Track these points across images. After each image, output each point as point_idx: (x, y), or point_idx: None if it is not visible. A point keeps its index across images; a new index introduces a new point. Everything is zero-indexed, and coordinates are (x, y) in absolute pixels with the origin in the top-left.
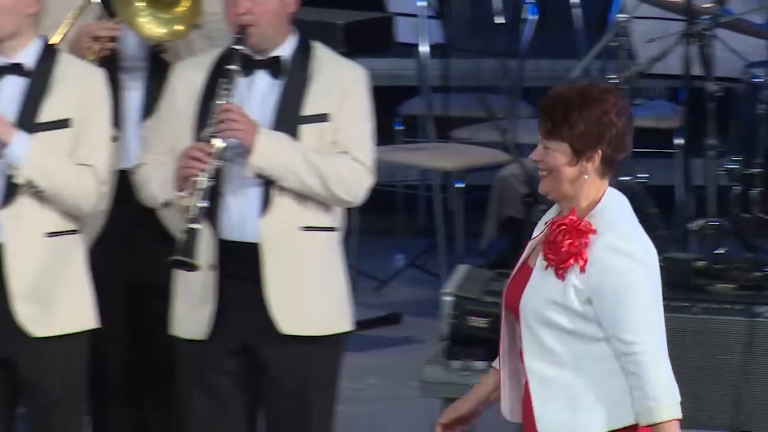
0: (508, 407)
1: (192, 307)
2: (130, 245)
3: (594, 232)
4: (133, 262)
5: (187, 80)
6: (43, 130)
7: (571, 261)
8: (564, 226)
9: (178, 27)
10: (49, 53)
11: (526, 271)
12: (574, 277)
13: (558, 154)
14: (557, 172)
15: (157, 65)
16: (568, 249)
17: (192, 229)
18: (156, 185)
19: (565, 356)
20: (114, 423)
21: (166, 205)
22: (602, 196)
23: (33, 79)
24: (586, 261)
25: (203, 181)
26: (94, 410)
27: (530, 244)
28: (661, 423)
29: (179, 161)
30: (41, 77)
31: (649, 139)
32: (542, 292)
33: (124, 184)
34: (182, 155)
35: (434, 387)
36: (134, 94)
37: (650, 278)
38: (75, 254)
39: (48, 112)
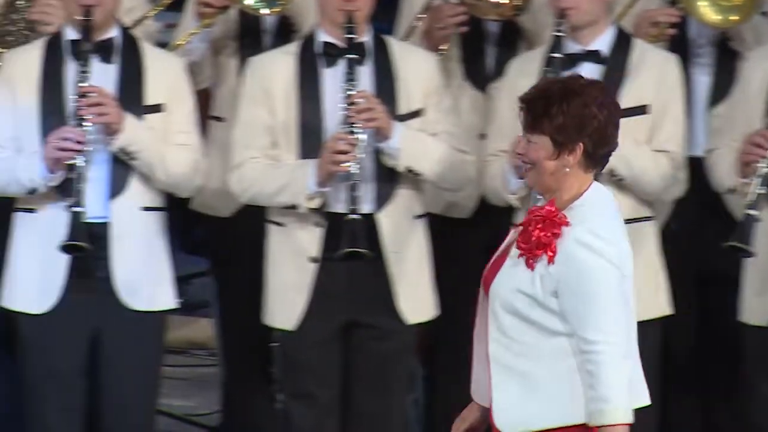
0: (474, 388)
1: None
2: (698, 232)
3: (567, 224)
4: (701, 249)
5: None
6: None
7: (540, 251)
8: (539, 216)
9: (734, 17)
10: (623, 40)
11: (504, 258)
12: (542, 267)
13: (539, 147)
14: (539, 165)
15: (724, 52)
16: (538, 239)
17: (750, 215)
18: (723, 171)
19: (525, 346)
20: (679, 409)
21: (732, 191)
22: (585, 190)
23: (609, 65)
24: (555, 252)
25: (763, 167)
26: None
27: (513, 231)
28: (609, 426)
29: (742, 147)
30: (617, 64)
31: None
32: (512, 279)
33: (692, 171)
34: (745, 141)
35: None
36: (702, 79)
37: (617, 278)
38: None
39: (626, 99)
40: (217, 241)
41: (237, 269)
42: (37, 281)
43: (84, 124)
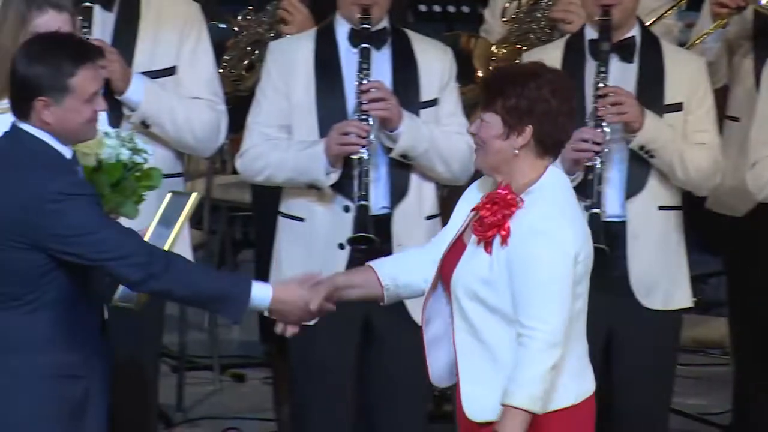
0: (432, 371)
1: None
2: None
3: (518, 205)
4: None
5: None
6: None
7: (492, 232)
8: (490, 199)
9: None
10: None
11: (459, 247)
12: (498, 249)
13: (490, 126)
14: (488, 144)
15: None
16: (490, 219)
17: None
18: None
19: (487, 333)
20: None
21: None
22: (541, 175)
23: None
24: (508, 233)
25: None
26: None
27: (465, 220)
28: (510, 407)
29: None
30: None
31: None
32: (472, 267)
33: None
34: None
35: None
36: None
37: (565, 266)
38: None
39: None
40: (732, 240)
41: (753, 268)
42: None
43: (602, 124)
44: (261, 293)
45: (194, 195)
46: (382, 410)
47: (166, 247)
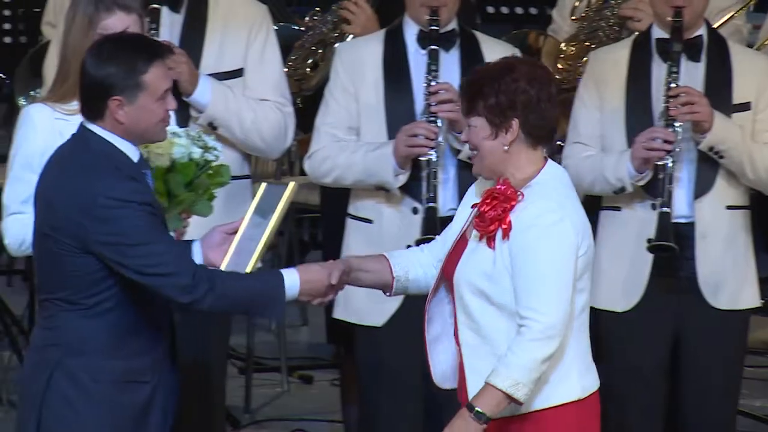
0: (434, 372)
1: None
2: None
3: (518, 199)
4: None
5: None
6: None
7: (495, 226)
8: (490, 194)
9: None
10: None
11: (463, 244)
12: (500, 244)
13: (478, 130)
14: (480, 148)
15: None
16: (491, 214)
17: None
18: None
19: (491, 329)
20: None
21: None
22: (541, 168)
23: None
24: (509, 226)
25: None
26: None
27: (467, 218)
28: (492, 387)
29: None
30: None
31: None
32: (475, 262)
33: None
34: None
35: None
36: None
37: (565, 259)
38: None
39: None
40: None
41: None
42: (622, 280)
43: (674, 124)
44: (290, 281)
45: (292, 184)
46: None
47: (264, 238)
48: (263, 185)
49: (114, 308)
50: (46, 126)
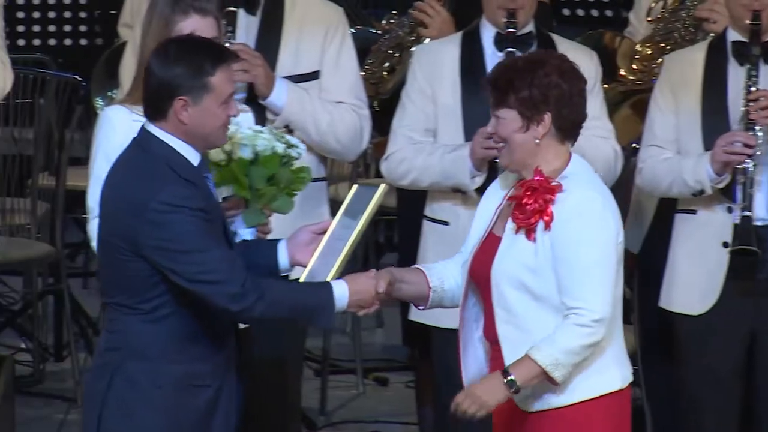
0: (465, 378)
1: None
2: None
3: (561, 190)
4: None
5: None
6: None
7: (536, 218)
8: (530, 186)
9: None
10: None
11: (493, 241)
12: (541, 235)
13: (508, 122)
14: (510, 140)
15: None
16: (532, 206)
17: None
18: None
19: (532, 322)
20: None
21: None
22: (568, 162)
23: None
24: (551, 217)
25: None
26: None
27: (493, 215)
28: (531, 360)
29: None
30: None
31: None
32: (514, 255)
33: None
34: None
35: None
36: None
37: (609, 247)
38: None
39: None
40: None
41: None
42: (697, 283)
43: (754, 128)
44: (339, 291)
45: (382, 186)
46: None
47: (352, 239)
48: (355, 186)
49: (172, 314)
50: (124, 127)
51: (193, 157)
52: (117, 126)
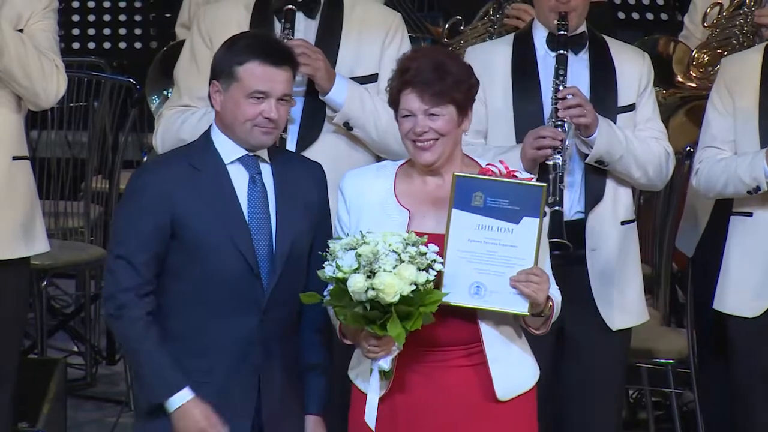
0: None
1: None
2: None
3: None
4: None
5: None
6: None
7: None
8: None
9: None
10: None
11: None
12: None
13: (448, 118)
14: (450, 135)
15: None
16: None
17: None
18: None
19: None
20: None
21: None
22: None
23: None
24: None
25: None
26: None
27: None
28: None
29: None
30: None
31: None
32: None
33: None
34: None
35: None
36: None
37: None
38: None
39: None
40: None
41: None
42: (752, 286)
43: None
44: (179, 398)
45: (541, 186)
46: (575, 418)
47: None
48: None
49: (163, 308)
50: None
51: (229, 151)
52: None
